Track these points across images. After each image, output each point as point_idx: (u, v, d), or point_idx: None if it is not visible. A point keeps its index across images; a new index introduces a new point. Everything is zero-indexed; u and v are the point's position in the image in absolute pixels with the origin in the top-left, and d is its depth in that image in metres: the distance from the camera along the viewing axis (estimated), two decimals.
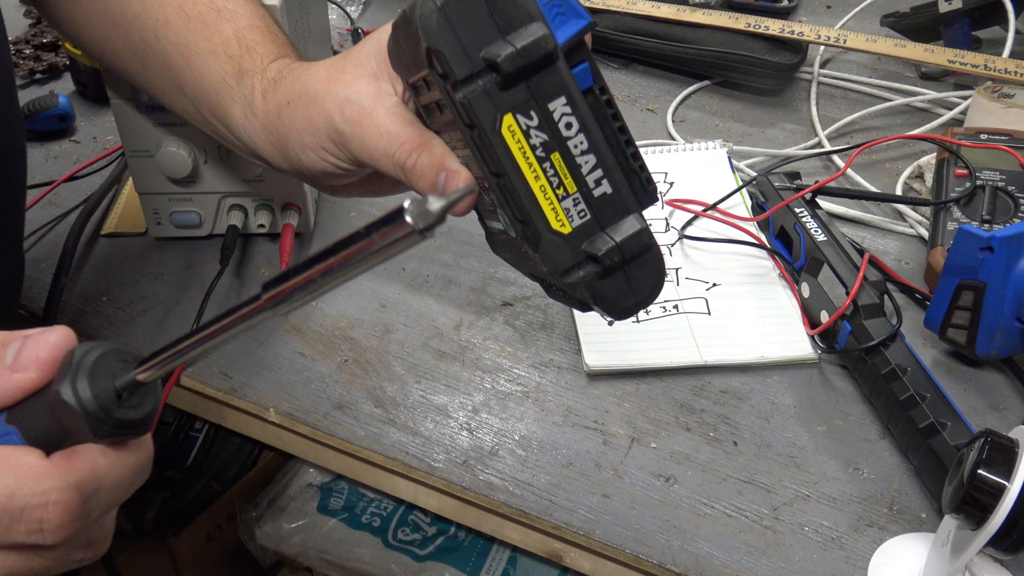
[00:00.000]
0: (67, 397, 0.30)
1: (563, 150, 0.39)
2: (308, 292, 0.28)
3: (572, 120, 0.39)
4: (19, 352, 0.31)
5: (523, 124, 0.39)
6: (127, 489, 0.33)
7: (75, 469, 0.31)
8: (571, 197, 0.40)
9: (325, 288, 0.28)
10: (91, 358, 0.31)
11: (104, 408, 0.30)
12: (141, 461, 0.33)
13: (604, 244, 0.40)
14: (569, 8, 0.40)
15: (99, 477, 0.31)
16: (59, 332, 0.32)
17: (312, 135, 0.49)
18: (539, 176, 0.39)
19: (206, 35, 0.53)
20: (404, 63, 0.44)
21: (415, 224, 0.24)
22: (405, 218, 0.24)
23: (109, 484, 0.32)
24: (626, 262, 0.41)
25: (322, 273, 0.27)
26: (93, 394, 0.30)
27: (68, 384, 0.30)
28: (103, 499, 0.32)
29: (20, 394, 0.31)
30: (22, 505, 0.30)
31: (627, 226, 0.40)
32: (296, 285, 0.28)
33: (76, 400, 0.30)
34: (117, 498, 0.33)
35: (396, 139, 0.45)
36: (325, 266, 0.27)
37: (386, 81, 0.47)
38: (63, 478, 0.30)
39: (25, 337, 0.32)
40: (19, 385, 0.31)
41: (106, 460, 0.31)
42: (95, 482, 0.31)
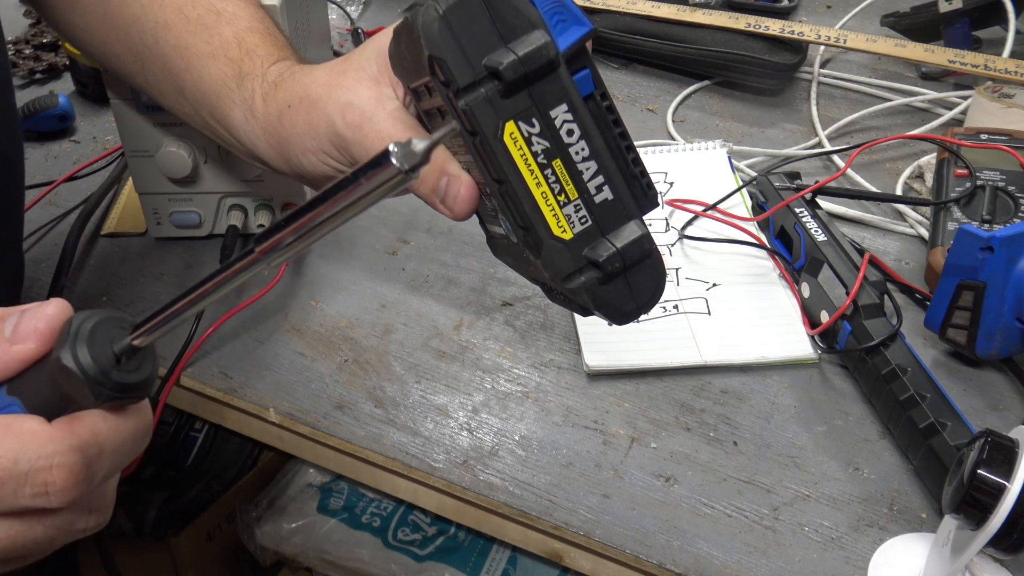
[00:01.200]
0: (68, 363, 0.31)
1: (564, 157, 0.40)
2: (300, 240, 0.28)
3: (573, 127, 0.39)
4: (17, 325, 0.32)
5: (525, 131, 0.39)
6: (128, 454, 0.34)
7: (77, 433, 0.31)
8: (572, 203, 0.40)
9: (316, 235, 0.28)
10: (88, 325, 0.31)
11: (103, 372, 0.31)
12: (140, 426, 0.34)
13: (605, 250, 0.40)
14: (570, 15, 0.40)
15: (100, 441, 0.32)
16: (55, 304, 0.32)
17: (313, 139, 0.49)
18: (541, 183, 0.39)
19: (206, 38, 0.53)
20: (406, 69, 0.44)
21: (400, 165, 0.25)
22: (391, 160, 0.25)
23: (110, 448, 0.32)
24: (627, 268, 0.41)
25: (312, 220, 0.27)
26: (93, 358, 0.31)
27: (68, 350, 0.31)
28: (105, 463, 0.33)
29: (20, 365, 0.32)
30: (27, 469, 0.30)
31: (628, 232, 0.41)
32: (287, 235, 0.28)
33: (76, 365, 0.31)
34: (119, 463, 0.33)
35: None
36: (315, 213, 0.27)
37: (387, 85, 0.47)
38: (66, 442, 0.31)
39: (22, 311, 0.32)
40: (18, 356, 0.32)
41: (107, 424, 0.32)
42: (97, 445, 0.32)
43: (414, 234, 0.78)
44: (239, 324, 0.69)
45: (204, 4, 0.54)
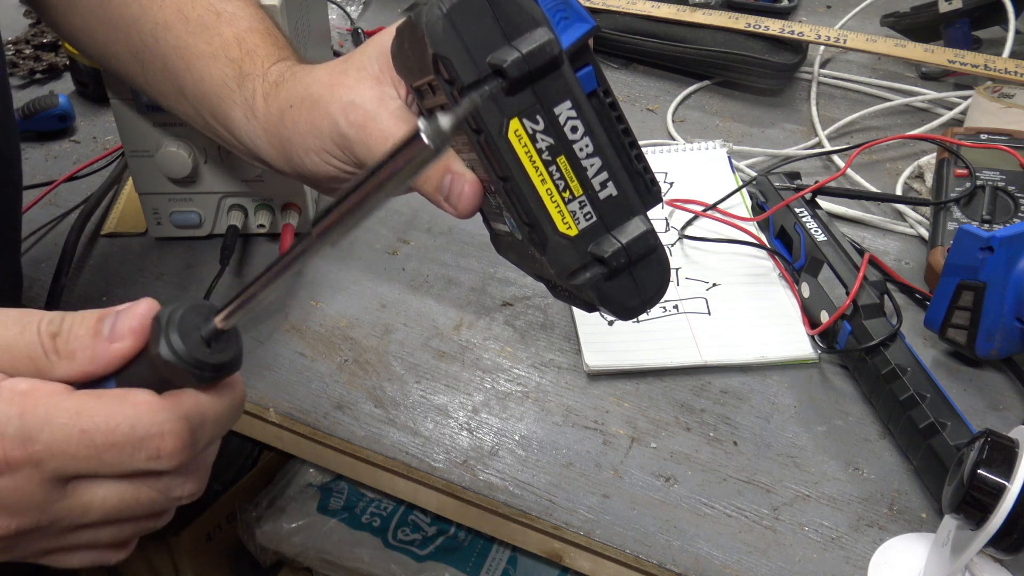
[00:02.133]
0: (167, 355, 0.34)
1: (569, 153, 0.40)
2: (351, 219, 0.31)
3: (577, 124, 0.39)
4: (114, 325, 0.35)
5: (529, 128, 0.39)
6: (225, 424, 0.37)
7: (184, 404, 0.35)
8: (577, 200, 0.40)
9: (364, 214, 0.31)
10: (176, 317, 0.34)
11: (198, 358, 0.34)
12: (236, 398, 0.37)
13: (610, 246, 0.40)
14: (573, 12, 0.40)
15: (203, 411, 0.36)
16: (145, 303, 0.36)
17: (316, 138, 0.49)
18: (545, 179, 0.40)
19: (206, 38, 0.53)
20: (409, 67, 0.44)
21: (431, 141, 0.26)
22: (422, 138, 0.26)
23: (212, 418, 0.36)
24: (632, 263, 0.41)
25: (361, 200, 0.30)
26: (187, 348, 0.34)
27: (164, 344, 0.34)
28: (207, 431, 0.36)
29: (121, 361, 0.36)
30: (142, 435, 0.34)
31: (632, 228, 0.41)
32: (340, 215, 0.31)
33: (175, 356, 0.34)
34: (217, 432, 0.37)
35: None
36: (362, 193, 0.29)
37: (389, 84, 0.47)
38: (175, 411, 0.35)
39: (117, 312, 0.36)
40: (118, 353, 0.35)
41: (207, 397, 0.36)
42: (200, 416, 0.35)
43: (414, 234, 0.78)
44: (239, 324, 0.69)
45: (204, 4, 0.54)
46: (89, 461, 0.34)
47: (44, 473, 0.34)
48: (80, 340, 0.35)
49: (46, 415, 0.34)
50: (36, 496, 0.34)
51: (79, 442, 0.34)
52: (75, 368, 0.35)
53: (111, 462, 0.34)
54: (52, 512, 0.35)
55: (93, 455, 0.34)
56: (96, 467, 0.34)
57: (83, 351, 0.35)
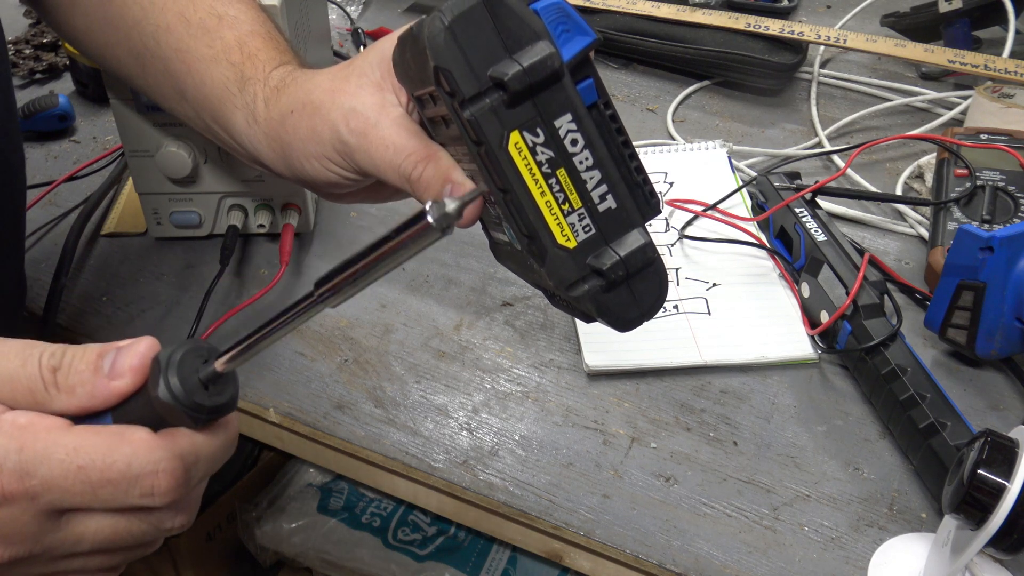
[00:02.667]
0: (165, 397, 0.35)
1: (569, 166, 0.40)
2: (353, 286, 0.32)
3: (577, 137, 0.40)
4: (114, 362, 0.36)
5: (529, 141, 0.39)
6: (218, 462, 0.38)
7: (179, 443, 0.36)
8: (576, 212, 0.40)
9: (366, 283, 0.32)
10: (176, 358, 0.35)
11: (195, 400, 0.35)
12: (229, 437, 0.38)
13: (609, 259, 0.41)
14: (574, 25, 0.40)
15: (198, 451, 0.36)
16: (146, 342, 0.37)
17: (316, 145, 0.49)
18: (545, 192, 0.40)
19: (207, 41, 0.53)
20: (410, 77, 0.45)
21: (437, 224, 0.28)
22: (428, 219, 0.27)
23: (205, 456, 0.37)
24: (630, 275, 0.41)
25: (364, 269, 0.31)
26: (185, 391, 0.35)
27: (163, 386, 0.35)
28: (201, 469, 0.37)
29: (118, 398, 0.36)
30: (138, 473, 0.35)
31: (631, 240, 0.41)
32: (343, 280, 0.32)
33: (173, 398, 0.35)
34: (210, 470, 0.38)
35: (402, 151, 0.46)
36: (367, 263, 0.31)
37: (390, 91, 0.47)
38: (170, 450, 0.35)
39: (118, 349, 0.36)
40: (117, 391, 0.36)
41: (202, 437, 0.37)
42: (195, 455, 0.36)
43: None
44: (239, 324, 0.69)
45: (205, 7, 0.54)
46: (84, 496, 0.35)
47: (39, 506, 0.35)
48: (80, 375, 0.36)
49: (44, 451, 0.34)
50: (31, 527, 0.35)
51: (75, 478, 0.34)
52: (74, 403, 0.36)
53: (106, 498, 0.35)
54: (45, 542, 0.36)
55: (88, 491, 0.35)
56: (90, 502, 0.35)
57: (82, 387, 0.36)
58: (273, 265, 0.75)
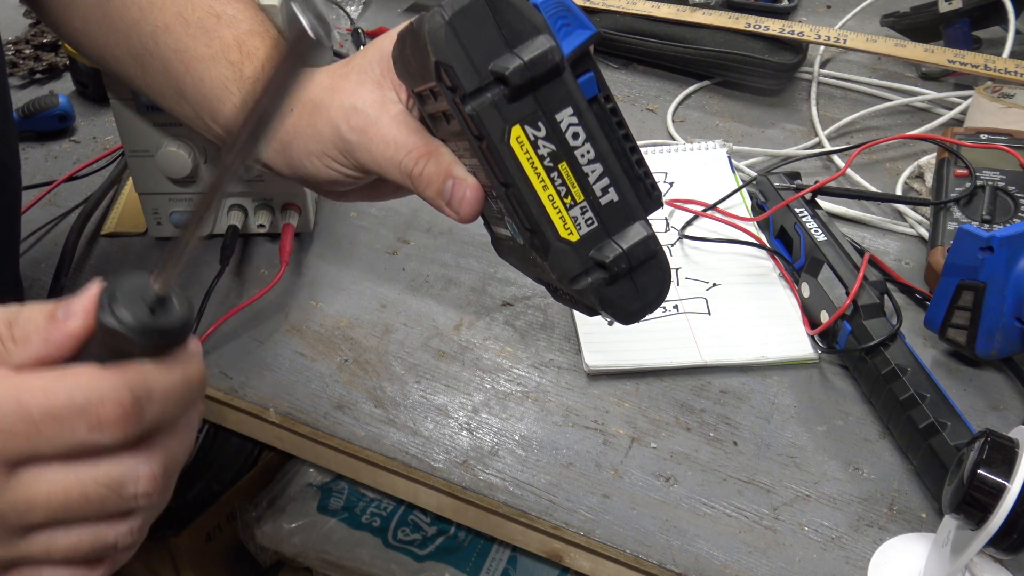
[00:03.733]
0: (109, 322, 0.33)
1: (570, 160, 0.40)
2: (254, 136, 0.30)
3: (579, 130, 0.40)
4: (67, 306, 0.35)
5: (531, 135, 0.39)
6: (178, 399, 0.36)
7: (127, 373, 0.34)
8: (579, 206, 0.40)
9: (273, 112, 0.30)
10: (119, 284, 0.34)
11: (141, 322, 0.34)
12: (190, 372, 0.36)
13: (612, 251, 0.41)
14: (574, 19, 0.40)
15: (150, 381, 0.35)
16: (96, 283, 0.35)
17: (317, 143, 0.49)
18: (547, 186, 0.40)
19: (206, 41, 0.53)
20: (410, 73, 0.45)
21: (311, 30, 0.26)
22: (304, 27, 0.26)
23: (160, 389, 0.35)
24: (633, 268, 0.41)
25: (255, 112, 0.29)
26: (130, 313, 0.34)
27: (107, 312, 0.33)
28: (155, 403, 0.35)
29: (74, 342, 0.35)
30: (82, 403, 0.33)
31: (633, 233, 0.41)
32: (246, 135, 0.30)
33: (117, 322, 0.33)
34: (168, 408, 0.36)
35: (403, 147, 0.46)
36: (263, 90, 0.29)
37: (390, 88, 0.47)
38: (116, 379, 0.34)
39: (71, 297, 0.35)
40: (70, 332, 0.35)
41: (153, 367, 0.35)
42: (146, 385, 0.35)
43: (414, 234, 0.78)
44: (239, 324, 0.69)
45: (204, 7, 0.54)
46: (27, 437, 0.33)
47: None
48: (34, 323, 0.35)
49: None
50: None
51: (16, 415, 0.33)
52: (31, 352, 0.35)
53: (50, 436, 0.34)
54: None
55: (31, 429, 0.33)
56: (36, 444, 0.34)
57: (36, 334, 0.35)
58: (273, 265, 0.75)
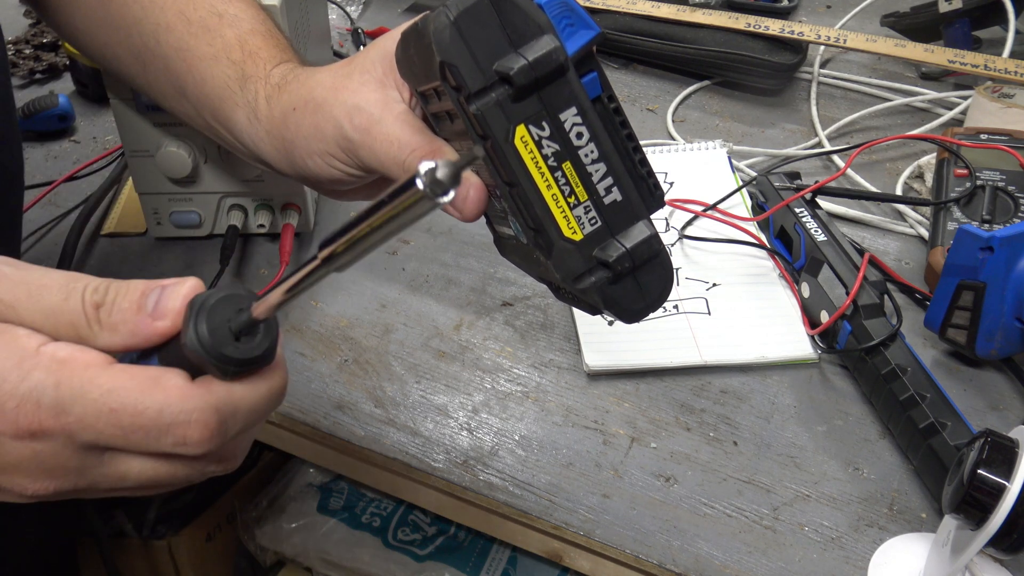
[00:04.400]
0: (192, 346, 0.34)
1: (574, 159, 0.40)
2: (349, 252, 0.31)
3: (583, 130, 0.40)
4: (157, 302, 0.36)
5: (535, 135, 0.39)
6: (262, 413, 0.37)
7: (214, 393, 0.35)
8: (582, 205, 0.41)
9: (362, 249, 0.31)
10: (208, 304, 0.34)
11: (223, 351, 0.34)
12: (274, 387, 0.37)
13: (615, 251, 0.41)
14: (578, 19, 0.40)
15: (236, 401, 0.36)
16: (190, 284, 0.36)
17: (320, 142, 0.49)
18: (551, 185, 0.40)
19: (207, 40, 0.53)
20: (414, 73, 0.45)
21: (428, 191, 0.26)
22: (417, 184, 0.26)
23: (244, 407, 0.36)
24: (636, 267, 0.41)
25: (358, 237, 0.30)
26: (213, 340, 0.34)
27: (192, 334, 0.34)
28: (239, 421, 0.36)
29: (161, 339, 0.36)
30: (169, 421, 0.34)
31: (637, 232, 0.41)
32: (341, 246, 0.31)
33: (200, 347, 0.34)
34: (252, 420, 0.37)
35: (407, 146, 0.46)
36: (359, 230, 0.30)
37: (393, 88, 0.47)
38: (204, 399, 0.35)
39: (162, 288, 0.36)
40: (159, 331, 0.36)
41: (240, 387, 0.36)
42: (232, 405, 0.35)
43: (414, 234, 0.78)
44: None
45: (206, 6, 0.54)
46: (116, 439, 0.35)
47: (77, 442, 0.35)
48: (123, 313, 0.36)
49: (80, 388, 0.34)
50: (72, 462, 0.35)
51: (107, 420, 0.34)
52: (117, 340, 0.36)
53: (138, 443, 0.35)
54: (89, 477, 0.36)
55: (120, 434, 0.34)
56: (124, 445, 0.35)
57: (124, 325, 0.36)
58: (273, 265, 0.75)
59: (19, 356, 0.34)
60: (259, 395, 0.37)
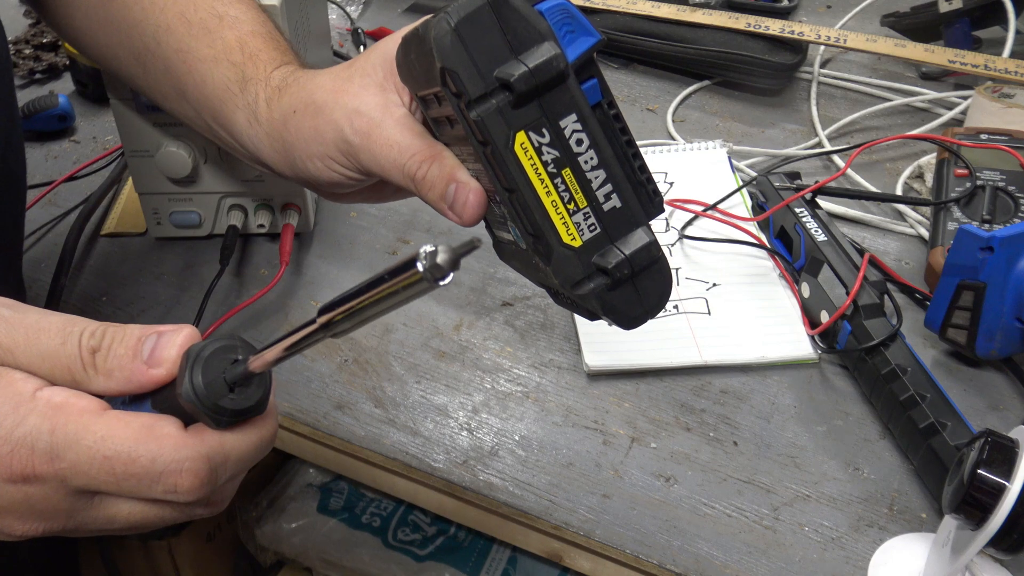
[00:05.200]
0: (187, 397, 0.35)
1: (574, 166, 0.40)
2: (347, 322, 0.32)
3: (583, 136, 0.40)
4: (153, 349, 0.36)
5: (535, 141, 0.39)
6: (250, 461, 0.38)
7: (206, 442, 0.36)
8: (582, 212, 0.41)
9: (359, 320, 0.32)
10: (204, 355, 0.35)
11: (217, 403, 0.35)
12: (264, 436, 0.38)
13: (614, 257, 0.41)
14: (579, 26, 0.40)
15: (226, 451, 0.36)
16: (185, 333, 0.37)
17: (320, 145, 0.49)
18: (551, 192, 0.40)
19: (208, 41, 0.53)
20: (414, 78, 0.45)
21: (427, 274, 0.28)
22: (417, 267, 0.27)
23: (235, 456, 0.37)
24: (635, 274, 0.41)
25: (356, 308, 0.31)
26: (208, 392, 0.35)
27: (188, 385, 0.35)
28: (229, 468, 0.37)
29: (155, 386, 0.37)
30: (161, 470, 0.35)
31: (636, 239, 0.41)
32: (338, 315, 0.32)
33: (195, 398, 0.35)
34: (241, 468, 0.38)
35: (407, 150, 0.46)
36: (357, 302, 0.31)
37: (393, 92, 0.47)
38: (196, 449, 0.35)
39: (158, 335, 0.37)
40: (153, 379, 0.36)
41: (232, 436, 0.37)
42: (223, 455, 0.36)
43: (414, 234, 0.78)
44: (239, 324, 0.69)
45: (206, 8, 0.54)
46: (109, 485, 0.35)
47: (69, 487, 0.35)
48: (119, 360, 0.36)
49: (74, 435, 0.35)
50: (63, 504, 0.36)
51: (100, 467, 0.35)
52: (112, 386, 0.36)
53: (130, 489, 0.36)
54: (78, 519, 0.36)
55: (112, 481, 0.35)
56: (116, 491, 0.36)
57: (120, 371, 0.36)
58: (273, 265, 0.75)
59: (15, 401, 0.35)
60: (250, 443, 0.37)
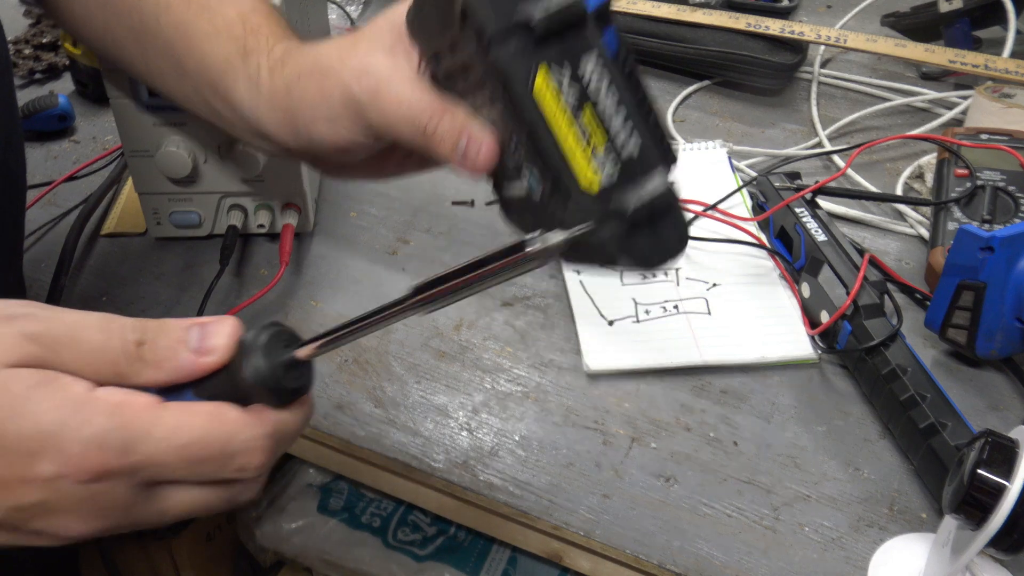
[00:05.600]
0: (253, 379, 0.37)
1: (594, 106, 0.40)
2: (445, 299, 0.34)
3: (602, 77, 0.40)
4: (202, 338, 0.38)
5: (556, 80, 0.40)
6: (296, 437, 0.41)
7: (269, 421, 0.38)
8: (600, 154, 0.41)
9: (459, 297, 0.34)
10: (262, 341, 0.38)
11: (279, 383, 0.38)
12: (308, 413, 0.41)
13: (633, 200, 0.41)
14: None
15: (283, 428, 0.39)
16: (231, 322, 0.39)
17: (326, 107, 0.49)
18: (570, 133, 0.40)
19: (208, 17, 0.53)
20: (427, 30, 0.45)
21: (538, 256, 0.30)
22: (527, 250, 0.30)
23: (291, 432, 0.40)
24: (653, 217, 0.41)
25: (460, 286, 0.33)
26: (269, 373, 0.38)
27: (252, 368, 0.37)
28: (285, 443, 0.40)
29: (203, 374, 0.38)
30: (235, 450, 0.37)
31: (654, 183, 0.41)
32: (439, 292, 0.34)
33: (260, 380, 0.37)
34: (292, 443, 0.41)
35: (416, 105, 0.46)
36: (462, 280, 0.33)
37: (401, 56, 0.47)
38: (263, 427, 0.38)
39: (203, 325, 0.39)
40: (204, 367, 0.38)
41: (288, 414, 0.39)
42: (282, 432, 0.39)
43: (414, 234, 0.78)
44: None
45: None
46: (183, 471, 0.37)
47: (136, 479, 0.36)
48: (166, 351, 0.38)
49: (145, 429, 0.36)
50: (126, 499, 0.37)
51: (177, 455, 0.36)
52: (160, 376, 0.38)
53: (204, 473, 0.37)
54: (134, 513, 0.37)
55: (187, 467, 0.37)
56: (189, 476, 0.37)
57: (168, 361, 0.38)
58: (273, 265, 0.75)
59: (75, 403, 0.35)
60: (300, 419, 0.40)
